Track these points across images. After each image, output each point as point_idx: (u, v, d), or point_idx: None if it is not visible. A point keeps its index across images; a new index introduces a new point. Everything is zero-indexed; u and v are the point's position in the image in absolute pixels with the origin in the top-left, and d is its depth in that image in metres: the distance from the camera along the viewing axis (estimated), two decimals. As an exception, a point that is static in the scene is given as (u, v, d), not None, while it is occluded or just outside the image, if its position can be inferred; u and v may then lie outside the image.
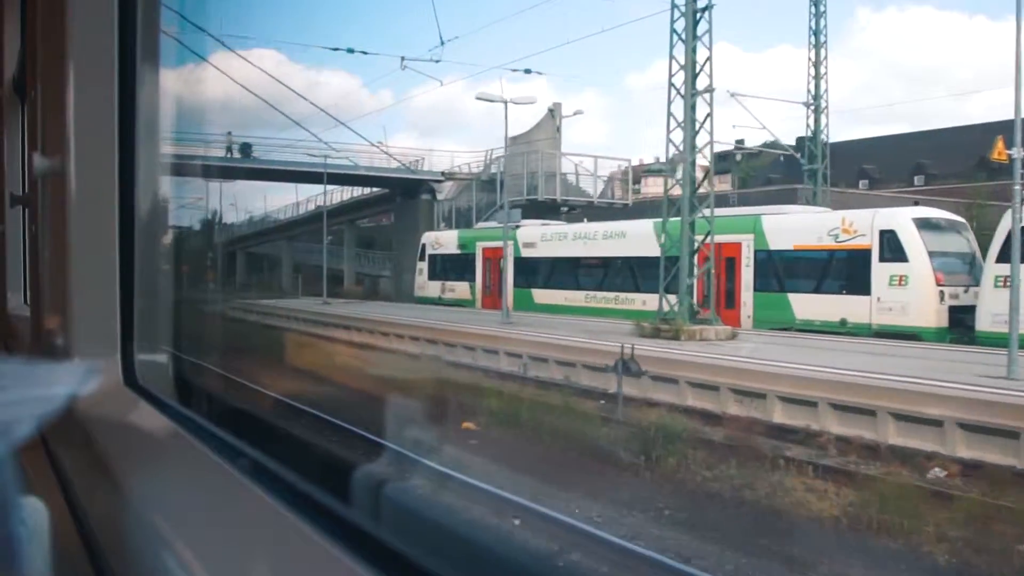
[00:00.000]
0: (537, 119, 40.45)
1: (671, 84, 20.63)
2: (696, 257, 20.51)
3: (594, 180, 39.09)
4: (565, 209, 37.00)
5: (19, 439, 0.81)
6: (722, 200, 27.51)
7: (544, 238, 29.72)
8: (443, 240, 34.54)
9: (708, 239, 20.23)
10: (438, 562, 1.11)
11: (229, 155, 35.72)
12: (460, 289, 32.75)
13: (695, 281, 20.38)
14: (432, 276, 34.31)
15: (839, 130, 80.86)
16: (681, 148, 20.52)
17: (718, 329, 19.51)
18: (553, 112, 40.36)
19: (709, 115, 20.57)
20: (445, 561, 1.12)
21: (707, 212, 20.40)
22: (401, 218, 41.57)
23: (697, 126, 20.49)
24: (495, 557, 1.14)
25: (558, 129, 40.51)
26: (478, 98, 28.48)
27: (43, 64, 2.70)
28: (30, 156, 2.88)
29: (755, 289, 22.44)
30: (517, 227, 29.19)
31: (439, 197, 40.00)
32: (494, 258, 30.79)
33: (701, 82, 20.51)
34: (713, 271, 20.85)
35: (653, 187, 42.11)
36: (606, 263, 27.39)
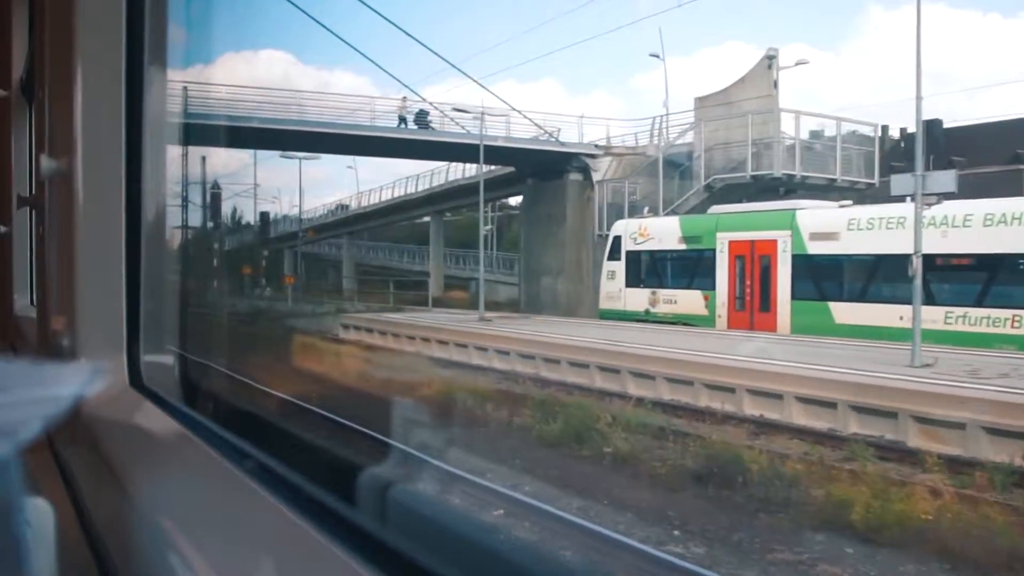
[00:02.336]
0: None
1: None
2: None
3: (837, 150, 27.34)
4: (782, 190, 26.61)
5: (25, 440, 0.81)
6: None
7: (855, 225, 19.15)
8: (654, 230, 24.29)
9: None
10: (447, 567, 1.10)
11: (403, 125, 29.82)
12: (687, 301, 22.89)
13: None
14: (633, 281, 24.36)
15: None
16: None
17: None
18: (771, 62, 28.57)
19: None
20: (455, 566, 1.11)
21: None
22: (537, 205, 31.38)
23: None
24: (504, 562, 1.14)
25: (775, 84, 28.44)
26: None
27: (51, 66, 2.71)
28: (37, 158, 2.89)
29: None
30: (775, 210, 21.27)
31: (596, 177, 29.56)
32: (751, 255, 21.60)
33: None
34: None
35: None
36: (993, 264, 17.19)
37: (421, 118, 30.06)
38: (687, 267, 23.32)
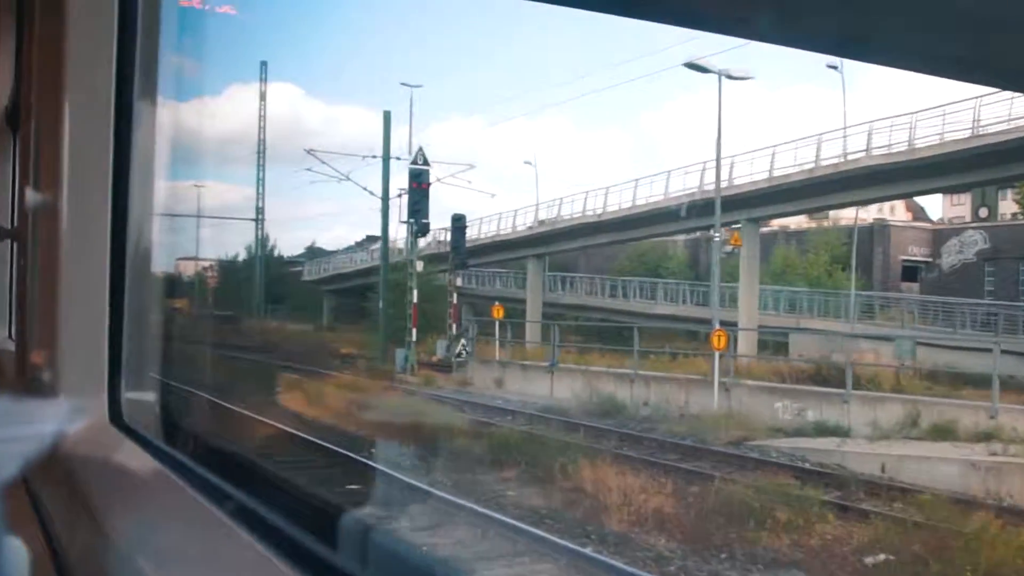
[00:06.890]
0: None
1: None
2: None
3: None
4: None
5: (1, 479, 0.79)
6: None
7: None
8: None
9: None
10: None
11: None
12: None
13: None
14: None
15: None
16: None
17: None
18: None
19: None
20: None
21: None
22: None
23: None
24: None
25: None
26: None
27: (38, 96, 2.69)
28: (22, 189, 2.86)
29: None
30: None
31: None
32: None
33: None
34: None
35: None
36: None
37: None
38: None
